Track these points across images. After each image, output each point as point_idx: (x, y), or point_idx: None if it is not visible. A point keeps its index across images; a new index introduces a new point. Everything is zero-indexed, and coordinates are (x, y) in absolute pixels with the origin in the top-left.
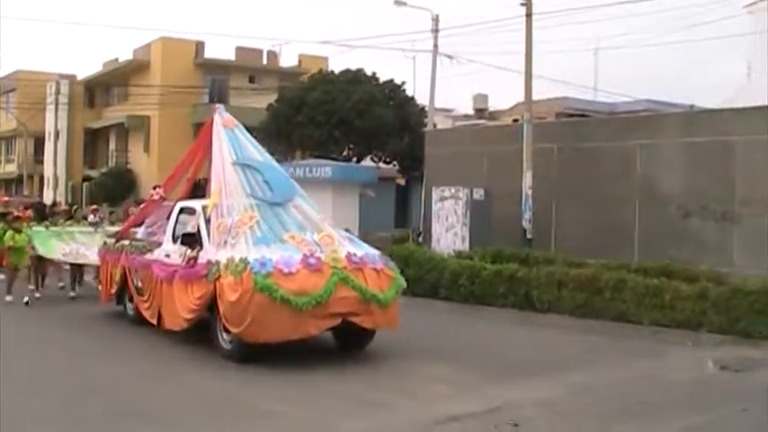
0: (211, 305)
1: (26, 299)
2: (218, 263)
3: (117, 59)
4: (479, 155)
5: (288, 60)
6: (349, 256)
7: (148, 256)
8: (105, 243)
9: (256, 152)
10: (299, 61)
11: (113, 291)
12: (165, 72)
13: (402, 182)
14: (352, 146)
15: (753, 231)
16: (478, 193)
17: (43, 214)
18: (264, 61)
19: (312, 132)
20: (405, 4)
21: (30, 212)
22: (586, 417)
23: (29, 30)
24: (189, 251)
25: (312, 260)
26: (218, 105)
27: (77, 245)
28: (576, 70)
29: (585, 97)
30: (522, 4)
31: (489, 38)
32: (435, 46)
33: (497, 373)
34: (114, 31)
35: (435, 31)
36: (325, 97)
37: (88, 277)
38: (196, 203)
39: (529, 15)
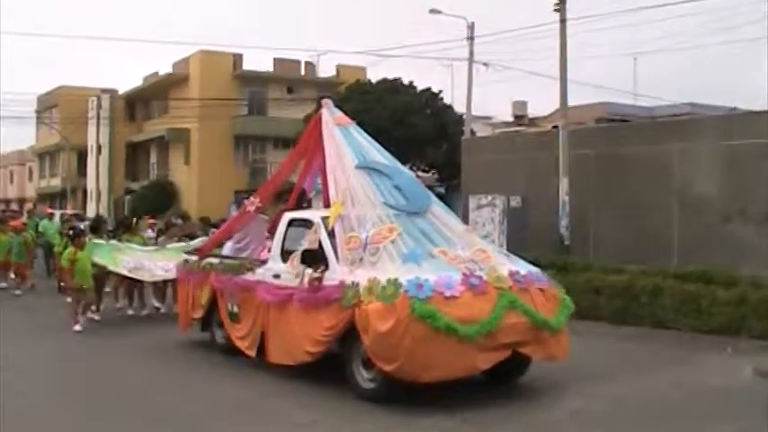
0: (345, 335)
1: (78, 327)
2: (356, 285)
3: (157, 73)
4: (516, 162)
5: (326, 71)
6: (512, 274)
7: (249, 277)
8: (186, 261)
9: (378, 154)
10: (337, 71)
11: (197, 316)
12: (204, 85)
13: (441, 190)
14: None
15: None
16: (515, 201)
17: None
18: (302, 72)
19: None
20: (440, 12)
21: (21, 221)
22: (621, 426)
23: (70, 47)
24: (310, 271)
25: (474, 280)
26: (326, 100)
27: (139, 259)
28: (616, 75)
29: (626, 102)
30: (555, 10)
31: (526, 44)
32: (471, 53)
33: (529, 383)
34: (154, 45)
35: (471, 38)
36: (362, 107)
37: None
38: (312, 214)
39: (563, 21)
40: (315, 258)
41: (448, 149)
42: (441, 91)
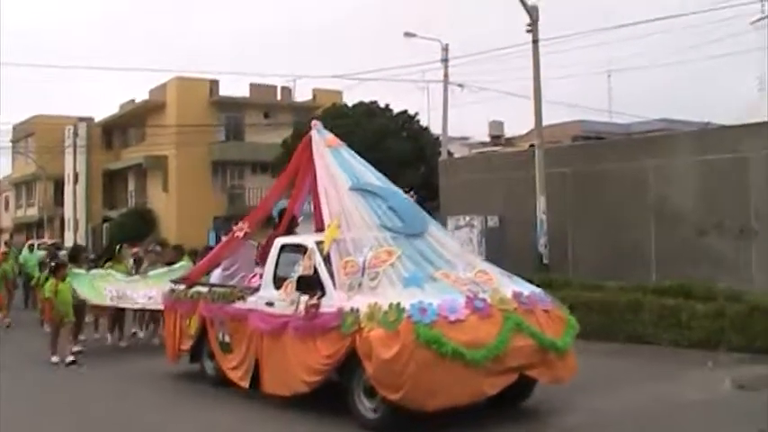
0: (345, 364)
1: (70, 358)
2: (355, 311)
3: (133, 101)
4: (493, 182)
5: (302, 95)
6: (516, 295)
7: (240, 305)
8: (173, 290)
9: (371, 175)
10: (314, 95)
11: (186, 347)
12: (181, 111)
13: None
14: None
15: None
16: (493, 221)
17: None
18: (278, 97)
19: None
20: (414, 35)
21: (2, 251)
22: None
23: (45, 76)
24: (306, 298)
25: (479, 303)
26: (315, 122)
27: (122, 288)
28: (591, 93)
29: (601, 120)
30: (528, 31)
31: (501, 65)
32: (446, 75)
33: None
34: (130, 73)
35: (445, 60)
36: (339, 131)
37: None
38: (306, 239)
39: (535, 42)
40: (310, 285)
41: (425, 171)
42: (417, 113)
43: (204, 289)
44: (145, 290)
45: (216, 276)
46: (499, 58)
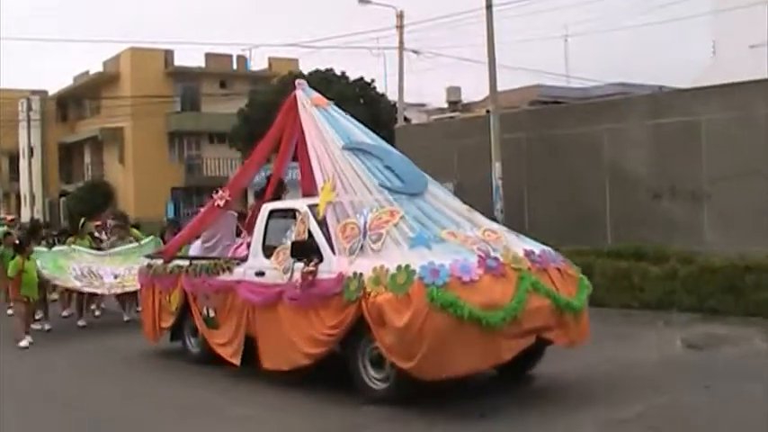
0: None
1: (24, 342)
2: (358, 276)
3: (87, 72)
4: (450, 148)
5: (258, 64)
6: (528, 254)
7: (226, 277)
8: (149, 266)
9: (362, 134)
10: (270, 64)
11: (167, 324)
12: (136, 83)
13: None
14: None
15: (722, 209)
16: (448, 186)
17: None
18: (234, 66)
19: None
20: (369, 2)
21: None
22: (549, 404)
23: None
24: (301, 265)
25: (492, 263)
26: (300, 81)
27: (88, 264)
28: (549, 58)
29: (559, 84)
30: None
31: (458, 30)
32: (401, 42)
33: None
34: (83, 44)
35: (400, 27)
36: None
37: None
38: (297, 203)
39: (489, 7)
40: (305, 251)
41: (383, 138)
42: (373, 80)
43: (184, 262)
44: (111, 266)
45: (195, 249)
46: (455, 24)
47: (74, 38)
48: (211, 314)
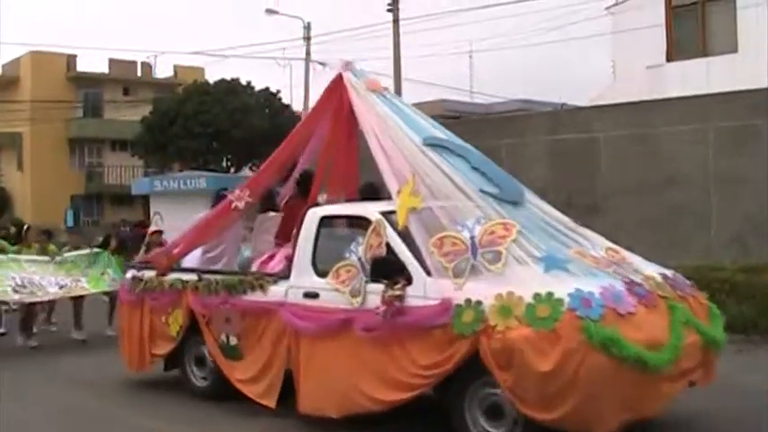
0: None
1: None
2: (474, 304)
3: None
4: None
5: (163, 71)
6: (664, 278)
7: (257, 297)
8: (137, 279)
9: (432, 127)
10: (175, 72)
11: (161, 351)
12: (36, 87)
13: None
14: (229, 156)
15: (616, 222)
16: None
17: None
18: (139, 73)
19: (188, 144)
20: (276, 12)
21: None
22: None
23: None
24: (379, 287)
25: (640, 290)
26: (347, 60)
27: (28, 274)
28: (455, 73)
29: (464, 100)
30: (388, 10)
31: (365, 44)
32: (308, 53)
33: None
34: None
35: (307, 38)
36: (200, 108)
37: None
38: (364, 210)
39: (396, 21)
40: (389, 270)
41: None
42: (279, 90)
43: (189, 276)
44: (57, 276)
45: (193, 260)
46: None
47: None
48: (232, 342)
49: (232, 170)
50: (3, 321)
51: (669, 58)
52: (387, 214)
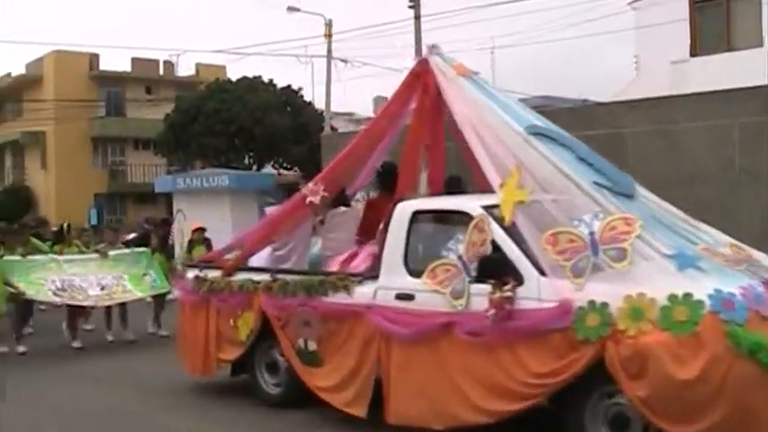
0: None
1: None
2: (599, 306)
3: (9, 74)
4: None
5: (185, 70)
6: None
7: (341, 299)
8: (201, 279)
9: (530, 115)
10: (197, 70)
11: (229, 357)
12: (59, 86)
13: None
14: (251, 154)
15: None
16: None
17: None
18: (161, 72)
19: (210, 141)
20: (298, 10)
21: None
22: None
23: None
24: (486, 288)
25: None
26: (432, 44)
27: (68, 276)
28: (477, 70)
29: None
30: (410, 7)
31: (386, 41)
32: (329, 51)
33: None
34: (5, 46)
35: (329, 35)
36: (221, 106)
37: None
38: (464, 204)
39: (417, 17)
40: (498, 269)
41: (310, 147)
42: (301, 88)
43: (261, 276)
44: (98, 274)
45: (261, 258)
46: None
47: None
48: (311, 347)
49: (254, 167)
50: (31, 322)
51: (693, 53)
52: (489, 208)
